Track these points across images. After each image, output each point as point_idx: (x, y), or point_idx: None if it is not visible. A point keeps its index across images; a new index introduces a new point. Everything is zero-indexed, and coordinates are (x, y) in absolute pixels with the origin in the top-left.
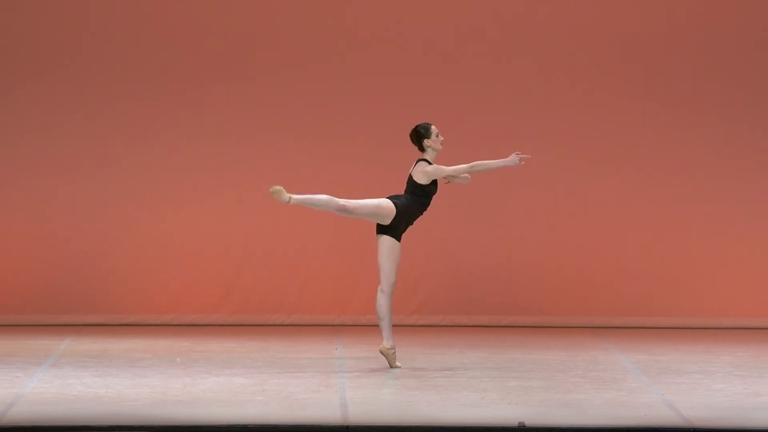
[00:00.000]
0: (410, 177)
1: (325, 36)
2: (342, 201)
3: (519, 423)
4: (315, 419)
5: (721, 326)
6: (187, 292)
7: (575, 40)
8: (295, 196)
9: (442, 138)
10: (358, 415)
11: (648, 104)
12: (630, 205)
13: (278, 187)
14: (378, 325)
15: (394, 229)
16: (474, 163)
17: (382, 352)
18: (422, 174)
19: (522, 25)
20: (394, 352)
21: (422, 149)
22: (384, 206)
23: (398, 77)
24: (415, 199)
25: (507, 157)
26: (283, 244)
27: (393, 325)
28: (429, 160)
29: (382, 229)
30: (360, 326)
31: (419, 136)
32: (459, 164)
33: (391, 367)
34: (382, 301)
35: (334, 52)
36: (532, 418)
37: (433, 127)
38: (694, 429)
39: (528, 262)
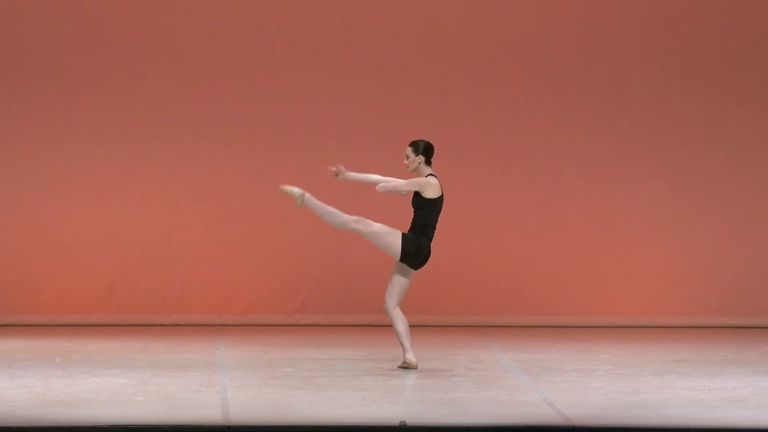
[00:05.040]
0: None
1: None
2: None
3: (400, 422)
4: (196, 419)
5: (600, 325)
6: (67, 291)
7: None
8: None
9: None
10: (239, 415)
11: (529, 105)
12: (509, 205)
13: (291, 190)
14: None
15: None
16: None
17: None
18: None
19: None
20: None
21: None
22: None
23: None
24: None
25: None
26: (164, 243)
27: (275, 325)
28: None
29: None
30: (241, 326)
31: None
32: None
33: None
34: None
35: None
36: (413, 417)
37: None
38: (574, 427)
39: None
